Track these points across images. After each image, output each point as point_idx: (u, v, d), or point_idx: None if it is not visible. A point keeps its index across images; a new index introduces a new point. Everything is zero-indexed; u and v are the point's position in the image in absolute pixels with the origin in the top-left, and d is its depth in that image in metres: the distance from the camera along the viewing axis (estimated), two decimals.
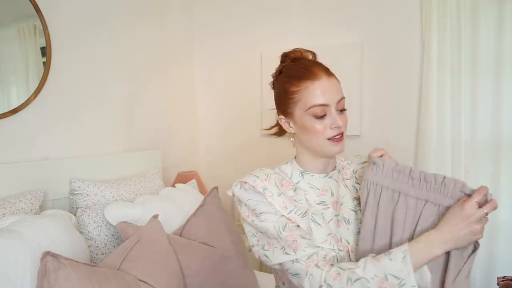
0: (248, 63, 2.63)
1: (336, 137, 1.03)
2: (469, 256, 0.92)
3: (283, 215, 1.01)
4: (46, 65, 1.86)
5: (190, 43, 2.79)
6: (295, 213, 1.02)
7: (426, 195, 0.95)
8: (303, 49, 1.11)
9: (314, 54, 1.11)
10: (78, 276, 1.15)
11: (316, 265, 0.93)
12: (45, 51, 1.86)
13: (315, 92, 1.02)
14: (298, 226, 1.00)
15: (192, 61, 2.81)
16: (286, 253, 0.97)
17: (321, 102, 1.01)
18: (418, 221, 0.95)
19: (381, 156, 1.02)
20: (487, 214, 0.89)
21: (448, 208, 0.92)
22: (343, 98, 1.04)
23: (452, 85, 1.99)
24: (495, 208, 0.89)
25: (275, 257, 0.99)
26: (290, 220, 1.01)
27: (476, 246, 0.93)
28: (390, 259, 0.88)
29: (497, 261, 1.96)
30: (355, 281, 0.88)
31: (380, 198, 0.99)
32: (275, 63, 1.15)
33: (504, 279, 1.54)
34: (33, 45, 1.85)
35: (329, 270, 0.92)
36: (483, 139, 1.98)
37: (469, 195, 0.90)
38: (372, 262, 0.89)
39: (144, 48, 2.41)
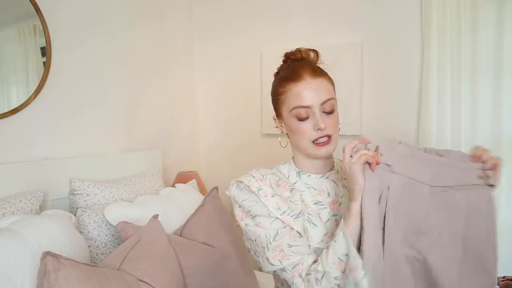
0: (248, 63, 2.63)
1: (321, 139, 1.02)
2: None
3: (277, 218, 1.02)
4: (46, 65, 1.86)
5: (190, 43, 2.79)
6: (288, 215, 1.02)
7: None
8: (305, 48, 1.11)
9: (316, 52, 1.11)
10: (78, 276, 1.15)
11: (300, 275, 0.96)
12: (45, 51, 1.86)
13: (297, 94, 1.02)
14: (292, 229, 1.01)
15: (192, 61, 2.81)
16: (272, 264, 1.00)
17: (302, 103, 1.01)
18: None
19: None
20: (349, 158, 0.96)
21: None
22: (330, 99, 1.02)
23: (452, 85, 1.99)
24: (345, 151, 0.96)
25: (265, 266, 1.02)
26: (283, 222, 1.01)
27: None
28: (335, 241, 0.93)
29: None
30: (321, 278, 0.92)
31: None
32: (275, 63, 1.15)
33: (504, 279, 1.54)
34: (33, 45, 1.85)
35: (305, 280, 0.96)
36: (483, 139, 1.98)
37: None
38: (325, 253, 0.94)
39: (144, 48, 2.41)
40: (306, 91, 1.01)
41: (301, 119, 1.02)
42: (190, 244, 1.62)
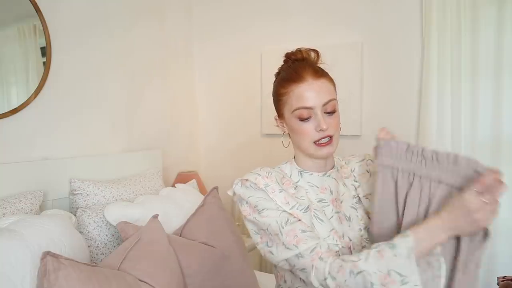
0: (248, 63, 2.63)
1: (323, 140, 1.03)
2: (480, 243, 0.90)
3: (285, 211, 1.02)
4: (46, 65, 1.86)
5: (190, 43, 2.79)
6: (297, 209, 1.03)
7: (439, 175, 0.92)
8: (305, 48, 1.11)
9: (317, 52, 1.11)
10: (78, 276, 1.15)
11: (320, 257, 0.94)
12: (45, 51, 1.86)
13: (299, 95, 1.02)
14: (300, 220, 1.01)
15: (191, 61, 2.81)
16: (289, 249, 0.97)
17: (304, 104, 1.02)
18: (431, 203, 0.93)
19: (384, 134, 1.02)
20: (488, 203, 0.84)
21: (460, 189, 0.88)
22: (331, 100, 1.03)
23: (452, 85, 1.99)
24: (495, 196, 0.84)
25: (279, 253, 0.99)
26: (292, 215, 1.01)
27: (486, 233, 0.89)
28: (395, 255, 0.87)
29: (497, 261, 1.96)
30: (357, 274, 0.88)
31: (396, 180, 0.98)
32: (275, 63, 1.16)
33: (504, 279, 1.54)
34: (33, 45, 1.85)
35: (332, 262, 0.92)
36: (483, 139, 1.98)
37: (480, 174, 0.85)
38: (375, 257, 0.88)
39: (144, 48, 2.41)
40: (308, 92, 1.02)
41: (303, 120, 1.03)
42: (190, 244, 1.62)
